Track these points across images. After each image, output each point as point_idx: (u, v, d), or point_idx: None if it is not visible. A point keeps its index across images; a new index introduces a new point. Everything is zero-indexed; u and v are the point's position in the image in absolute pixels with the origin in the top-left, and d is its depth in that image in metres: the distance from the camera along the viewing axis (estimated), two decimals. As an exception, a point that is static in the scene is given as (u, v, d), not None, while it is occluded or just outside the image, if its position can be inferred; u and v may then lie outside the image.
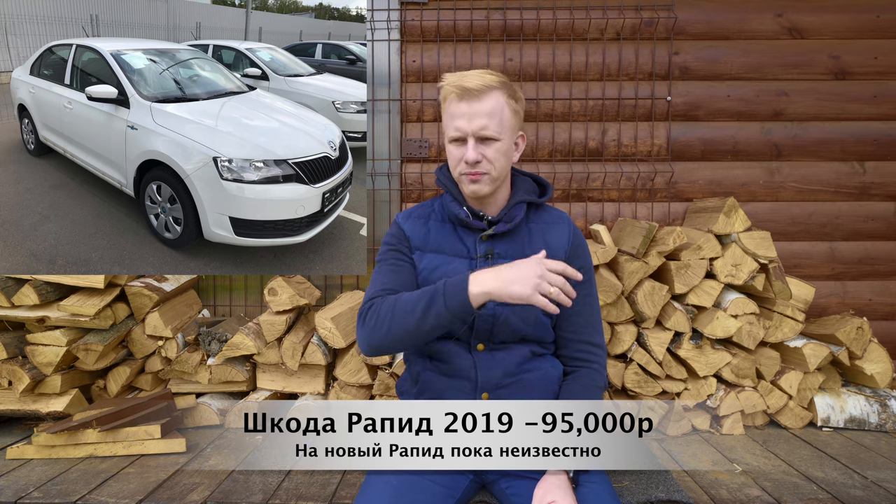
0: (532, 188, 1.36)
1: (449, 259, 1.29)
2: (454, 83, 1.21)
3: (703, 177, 2.33)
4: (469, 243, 1.30)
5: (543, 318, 1.29)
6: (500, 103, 1.21)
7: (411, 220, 1.36)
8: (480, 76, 1.21)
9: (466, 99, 1.20)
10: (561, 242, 1.31)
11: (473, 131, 1.20)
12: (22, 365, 1.87)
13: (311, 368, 1.99)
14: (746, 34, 2.30)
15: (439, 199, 1.39)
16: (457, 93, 1.20)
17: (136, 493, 1.47)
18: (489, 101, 1.20)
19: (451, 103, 1.22)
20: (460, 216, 1.28)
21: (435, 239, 1.32)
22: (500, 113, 1.21)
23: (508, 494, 1.22)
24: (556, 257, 1.29)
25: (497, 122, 1.21)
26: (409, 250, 1.33)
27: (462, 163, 1.23)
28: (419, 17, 2.32)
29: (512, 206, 1.29)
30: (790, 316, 1.97)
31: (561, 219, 1.35)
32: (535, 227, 1.32)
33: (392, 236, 1.36)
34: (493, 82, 1.21)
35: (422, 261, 1.31)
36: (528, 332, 1.28)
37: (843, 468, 1.64)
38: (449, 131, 1.24)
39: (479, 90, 1.19)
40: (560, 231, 1.33)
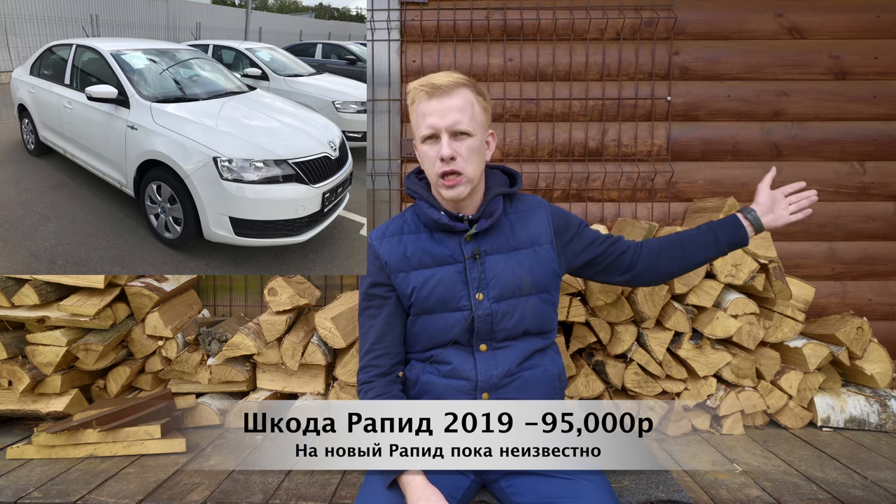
0: (503, 180, 1.36)
1: (435, 270, 1.28)
2: (422, 83, 1.22)
3: (703, 177, 2.33)
4: (452, 246, 1.29)
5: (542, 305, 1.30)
6: (470, 99, 1.22)
7: (385, 240, 1.33)
8: (448, 74, 1.23)
9: (437, 96, 1.20)
10: (542, 226, 1.33)
11: (447, 126, 1.20)
12: (22, 365, 1.87)
13: (311, 368, 1.99)
14: (746, 34, 2.30)
15: (410, 210, 1.37)
16: (426, 91, 1.21)
17: (136, 493, 1.47)
18: (459, 96, 1.21)
19: (420, 103, 1.23)
20: (441, 221, 1.27)
21: (414, 254, 1.30)
22: (470, 108, 1.22)
23: (509, 493, 1.22)
24: (541, 243, 1.31)
25: (469, 117, 1.21)
26: (387, 279, 1.31)
27: (438, 161, 1.22)
28: (419, 17, 2.32)
29: (490, 201, 1.29)
30: (790, 316, 1.97)
31: (537, 204, 1.37)
32: (514, 218, 1.33)
33: (368, 273, 1.34)
34: (461, 80, 1.22)
35: (408, 281, 1.29)
36: (528, 324, 1.28)
37: (843, 468, 1.64)
38: (421, 130, 1.23)
39: (448, 87, 1.20)
40: (539, 217, 1.34)
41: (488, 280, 1.27)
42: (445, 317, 1.27)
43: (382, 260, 1.31)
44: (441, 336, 1.28)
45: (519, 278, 1.27)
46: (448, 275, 1.27)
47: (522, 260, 1.29)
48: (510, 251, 1.29)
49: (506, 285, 1.27)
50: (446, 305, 1.27)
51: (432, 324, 1.28)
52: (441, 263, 1.28)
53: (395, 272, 1.30)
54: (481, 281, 1.27)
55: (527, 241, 1.31)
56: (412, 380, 1.32)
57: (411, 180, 1.35)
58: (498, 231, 1.30)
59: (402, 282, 1.29)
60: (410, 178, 1.36)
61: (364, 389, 1.29)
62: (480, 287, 1.26)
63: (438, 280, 1.27)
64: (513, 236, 1.30)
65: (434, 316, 1.28)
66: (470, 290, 1.26)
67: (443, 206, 1.29)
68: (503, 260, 1.28)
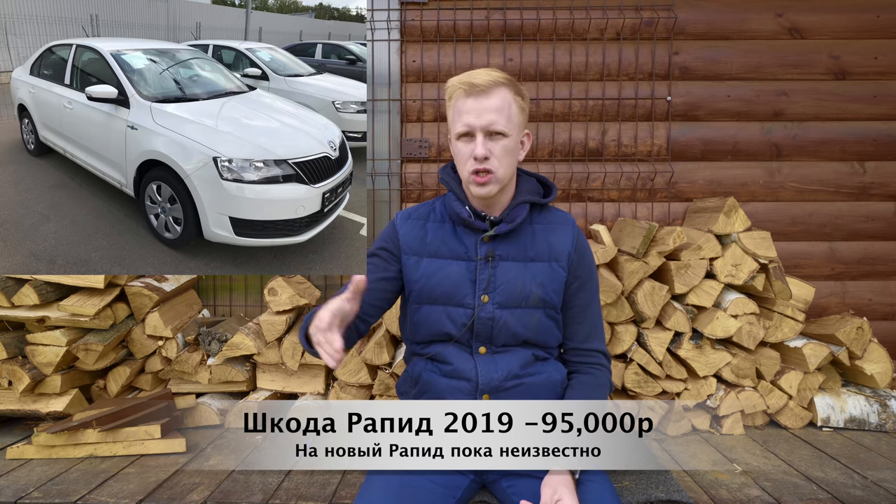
0: (536, 189, 1.34)
1: (447, 262, 1.28)
2: (461, 80, 1.21)
3: (703, 177, 2.33)
4: (469, 244, 1.29)
5: (546, 321, 1.29)
6: (508, 100, 1.21)
7: (409, 221, 1.34)
8: (488, 73, 1.20)
9: (474, 95, 1.19)
10: (564, 244, 1.30)
11: (482, 126, 1.19)
12: (22, 365, 1.87)
13: (311, 368, 1.99)
14: (746, 34, 2.30)
15: (441, 199, 1.38)
16: (464, 89, 1.20)
17: (136, 493, 1.47)
18: (497, 96, 1.20)
19: (457, 100, 1.22)
20: (462, 215, 1.27)
21: (432, 242, 1.30)
22: (507, 109, 1.21)
23: (510, 493, 1.22)
24: (559, 260, 1.29)
25: (505, 118, 1.20)
26: (395, 254, 1.32)
27: (471, 160, 1.21)
28: (419, 17, 2.32)
29: (514, 207, 1.28)
30: (790, 316, 1.97)
31: (565, 220, 1.34)
32: (538, 228, 1.31)
33: (382, 238, 1.35)
34: (500, 79, 1.21)
35: (419, 266, 1.29)
36: (528, 335, 1.27)
37: (843, 468, 1.64)
38: (457, 127, 1.23)
39: (486, 86, 1.19)
40: (563, 233, 1.31)
41: (496, 285, 1.26)
42: (448, 310, 1.27)
43: (400, 238, 1.32)
44: (441, 329, 1.28)
45: (528, 290, 1.26)
46: (458, 271, 1.27)
47: (536, 272, 1.27)
48: (526, 261, 1.28)
49: (513, 294, 1.26)
50: (450, 299, 1.27)
51: (433, 315, 1.28)
52: (454, 258, 1.28)
53: (409, 253, 1.31)
54: (489, 284, 1.26)
55: (545, 254, 1.29)
56: (414, 377, 1.32)
57: (446, 171, 1.35)
58: (518, 238, 1.29)
59: (414, 265, 1.30)
60: (446, 169, 1.36)
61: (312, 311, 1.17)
62: (487, 290, 1.26)
63: (447, 274, 1.27)
64: (532, 247, 1.29)
65: (436, 307, 1.28)
66: (476, 291, 1.26)
67: (470, 201, 1.29)
68: (516, 268, 1.27)
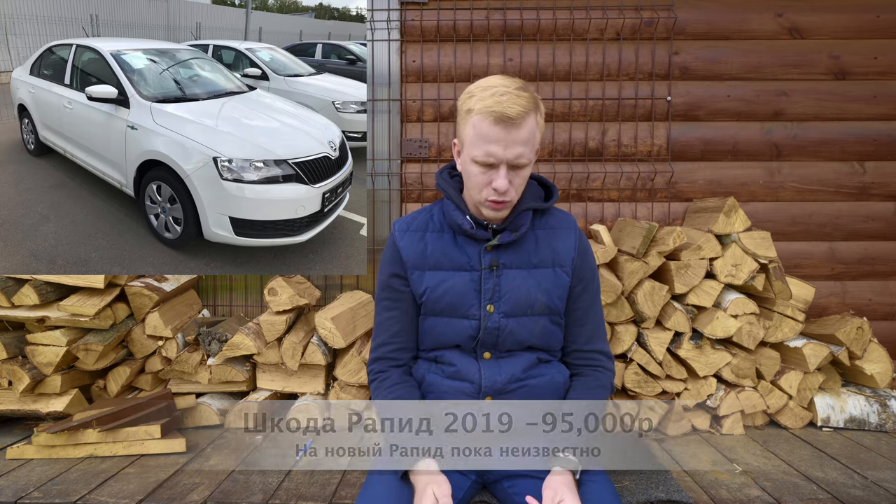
0: (537, 192, 1.32)
1: (449, 274, 1.26)
2: (490, 107, 1.11)
3: (703, 177, 2.33)
4: (472, 253, 1.26)
5: (551, 326, 1.28)
6: (534, 128, 1.15)
7: (408, 233, 1.30)
8: (517, 99, 1.11)
9: (504, 125, 1.11)
10: (568, 249, 1.29)
11: (509, 160, 1.14)
12: (22, 365, 1.87)
13: (311, 368, 1.99)
14: (746, 34, 2.30)
15: (439, 205, 1.34)
16: (494, 116, 1.11)
17: (136, 493, 1.47)
18: (526, 127, 1.12)
19: (483, 123, 1.12)
20: (465, 227, 1.24)
21: (433, 254, 1.27)
22: (533, 138, 1.16)
23: (511, 494, 1.21)
24: (563, 266, 1.28)
25: (531, 148, 1.16)
26: (404, 274, 1.29)
27: (489, 188, 1.17)
28: (419, 17, 2.32)
29: (518, 214, 1.25)
30: (790, 316, 1.97)
31: (567, 223, 1.32)
32: (541, 234, 1.29)
33: (387, 262, 1.32)
34: (529, 105, 1.12)
35: (422, 280, 1.27)
36: (533, 342, 1.27)
37: (843, 468, 1.64)
38: (477, 153, 1.14)
39: (518, 118, 1.10)
40: (567, 237, 1.30)
41: (502, 294, 1.25)
42: (453, 322, 1.26)
43: (402, 255, 1.29)
44: (447, 339, 1.28)
45: (533, 298, 1.25)
46: (462, 282, 1.25)
47: (541, 279, 1.26)
48: (530, 268, 1.27)
49: (518, 302, 1.25)
50: (455, 311, 1.26)
51: (439, 326, 1.28)
52: (457, 269, 1.26)
53: (411, 269, 1.28)
54: (494, 293, 1.25)
55: (549, 260, 1.28)
56: (417, 379, 1.32)
57: (443, 177, 1.31)
58: (522, 245, 1.27)
59: (417, 280, 1.28)
60: (443, 173, 1.32)
61: (380, 378, 1.28)
62: (493, 299, 1.25)
63: (451, 285, 1.25)
64: (536, 253, 1.27)
65: (442, 319, 1.27)
66: (481, 301, 1.25)
67: (470, 209, 1.27)
68: (521, 276, 1.26)
